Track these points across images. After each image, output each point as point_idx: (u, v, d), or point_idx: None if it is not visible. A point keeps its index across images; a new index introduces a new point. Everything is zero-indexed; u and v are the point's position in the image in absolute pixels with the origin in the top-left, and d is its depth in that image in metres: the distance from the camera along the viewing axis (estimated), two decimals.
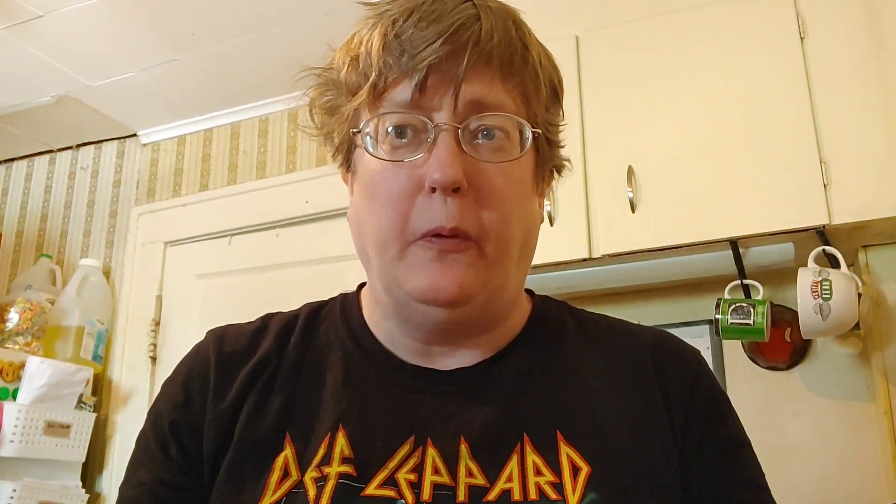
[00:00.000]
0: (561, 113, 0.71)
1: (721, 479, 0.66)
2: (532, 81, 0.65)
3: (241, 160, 2.72)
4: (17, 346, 2.43)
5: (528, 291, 0.76)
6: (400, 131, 0.62)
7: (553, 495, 0.60)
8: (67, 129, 2.90)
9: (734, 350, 1.87)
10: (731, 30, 1.72)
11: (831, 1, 1.65)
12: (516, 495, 0.60)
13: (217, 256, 2.65)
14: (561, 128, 0.72)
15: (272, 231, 2.59)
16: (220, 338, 0.71)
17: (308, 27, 2.28)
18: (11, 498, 2.07)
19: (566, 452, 0.62)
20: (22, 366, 2.23)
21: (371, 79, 0.62)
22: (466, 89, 0.61)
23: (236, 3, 2.18)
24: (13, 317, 2.49)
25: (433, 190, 0.60)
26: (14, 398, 2.18)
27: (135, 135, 2.93)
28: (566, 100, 0.73)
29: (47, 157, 3.08)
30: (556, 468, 0.61)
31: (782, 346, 1.82)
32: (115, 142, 2.97)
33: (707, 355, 1.86)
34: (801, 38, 1.65)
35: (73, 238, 2.89)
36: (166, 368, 2.52)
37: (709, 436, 0.67)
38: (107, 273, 2.75)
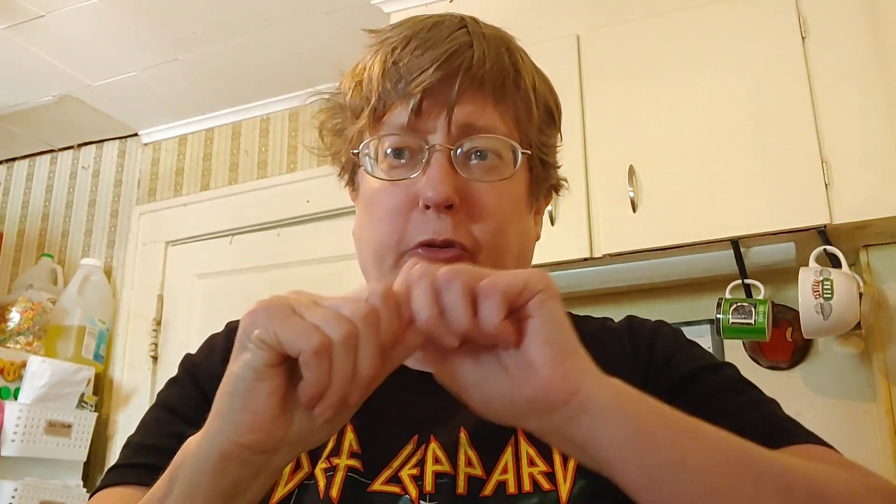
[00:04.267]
0: (558, 135, 0.75)
1: (694, 401, 0.65)
2: (524, 105, 0.68)
3: (242, 160, 2.72)
4: (18, 346, 2.43)
5: None
6: (397, 152, 0.66)
7: (546, 485, 0.62)
8: (69, 129, 2.90)
9: (735, 350, 1.87)
10: (732, 29, 1.72)
11: (833, 1, 1.65)
12: (511, 488, 0.62)
13: (218, 256, 2.65)
14: (558, 149, 0.75)
15: (273, 230, 2.59)
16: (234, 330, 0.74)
17: (308, 27, 2.28)
18: (13, 497, 2.07)
19: None
20: (23, 365, 2.23)
21: (371, 103, 0.66)
22: (459, 112, 0.64)
23: (237, 3, 2.19)
24: (14, 316, 2.49)
25: (427, 207, 0.64)
26: (15, 398, 2.18)
27: (136, 134, 2.93)
28: (567, 99, 0.75)
29: (48, 156, 3.08)
30: (548, 458, 0.64)
31: (783, 345, 1.82)
32: (117, 141, 2.97)
33: None
34: (803, 38, 1.65)
35: (74, 237, 2.89)
36: (167, 367, 2.54)
37: (667, 379, 0.68)
38: (108, 272, 2.75)
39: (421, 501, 0.61)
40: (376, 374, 0.47)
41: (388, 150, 0.66)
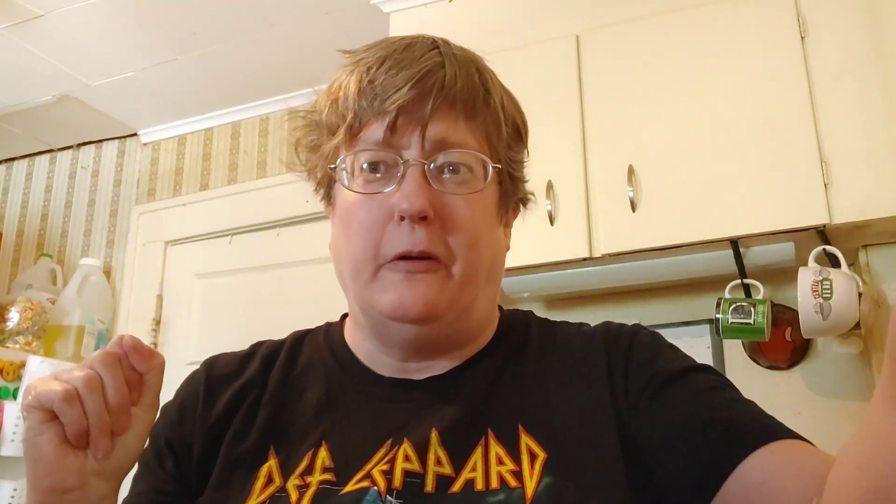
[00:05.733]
0: (524, 151, 0.78)
1: (684, 396, 0.67)
2: (493, 122, 0.71)
3: (242, 159, 2.72)
4: (17, 346, 2.43)
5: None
6: (373, 167, 0.69)
7: (513, 482, 0.63)
8: (68, 129, 2.90)
9: (735, 349, 1.87)
10: (731, 29, 1.72)
11: (832, 1, 1.65)
12: (479, 485, 0.63)
13: (217, 256, 2.65)
14: (525, 164, 0.78)
15: (273, 230, 2.59)
16: (211, 364, 0.79)
17: (308, 27, 2.28)
18: (12, 497, 2.07)
19: (525, 442, 0.66)
20: (22, 365, 2.23)
21: (347, 120, 0.69)
22: (432, 129, 0.67)
23: (236, 2, 2.19)
24: (14, 316, 2.49)
25: (402, 219, 0.66)
26: (14, 398, 2.18)
27: (135, 134, 2.93)
28: (567, 99, 0.77)
29: (48, 156, 3.08)
30: (516, 457, 0.65)
31: (783, 345, 1.82)
32: (116, 141, 2.97)
33: (707, 354, 1.86)
34: (802, 38, 1.65)
35: (73, 237, 2.89)
36: (167, 368, 2.54)
37: (648, 377, 0.68)
38: (107, 272, 2.75)
39: (388, 496, 0.63)
40: (125, 401, 0.59)
41: (364, 165, 0.68)
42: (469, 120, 0.69)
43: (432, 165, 0.67)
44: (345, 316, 0.81)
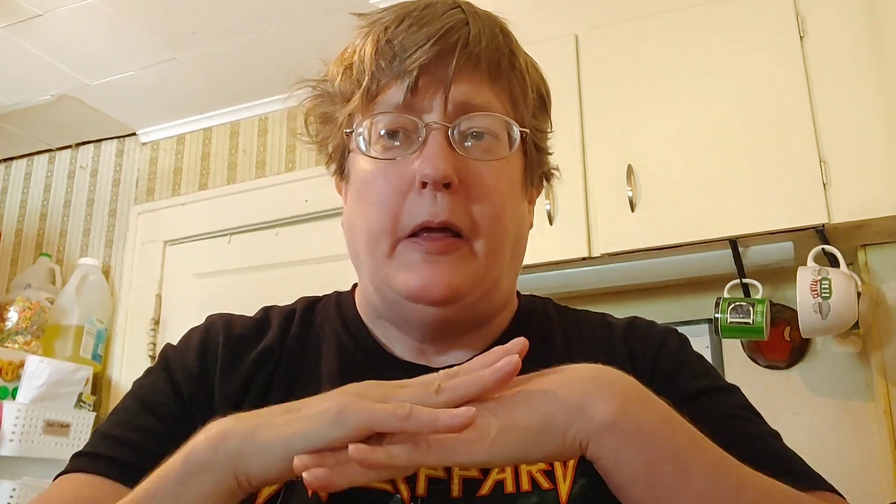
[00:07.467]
0: (549, 122, 0.73)
1: (702, 420, 0.64)
2: (519, 86, 0.67)
3: (241, 159, 2.72)
4: (16, 346, 2.43)
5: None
6: (392, 134, 0.64)
7: (545, 484, 0.61)
8: (67, 128, 2.90)
9: (734, 349, 1.87)
10: (730, 29, 1.72)
11: (831, 1, 1.65)
12: (509, 487, 0.61)
13: (216, 255, 2.65)
14: (549, 136, 0.74)
15: (272, 230, 2.59)
16: (227, 322, 0.72)
17: (308, 27, 2.28)
18: (11, 497, 2.07)
19: None
20: (21, 365, 2.23)
21: (364, 83, 0.64)
22: (456, 91, 0.63)
23: (236, 2, 2.18)
24: (13, 316, 2.49)
25: (424, 185, 0.61)
26: (13, 397, 2.18)
27: (134, 134, 2.93)
28: (566, 99, 0.75)
29: (47, 155, 3.08)
30: None
31: (782, 344, 1.82)
32: (115, 141, 2.97)
33: (706, 354, 1.86)
34: (801, 38, 1.65)
35: (72, 237, 2.89)
36: None
37: (673, 390, 0.66)
38: (106, 272, 2.75)
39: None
40: None
41: (383, 132, 0.64)
42: (494, 82, 0.65)
43: (455, 130, 0.63)
44: (356, 285, 0.76)
